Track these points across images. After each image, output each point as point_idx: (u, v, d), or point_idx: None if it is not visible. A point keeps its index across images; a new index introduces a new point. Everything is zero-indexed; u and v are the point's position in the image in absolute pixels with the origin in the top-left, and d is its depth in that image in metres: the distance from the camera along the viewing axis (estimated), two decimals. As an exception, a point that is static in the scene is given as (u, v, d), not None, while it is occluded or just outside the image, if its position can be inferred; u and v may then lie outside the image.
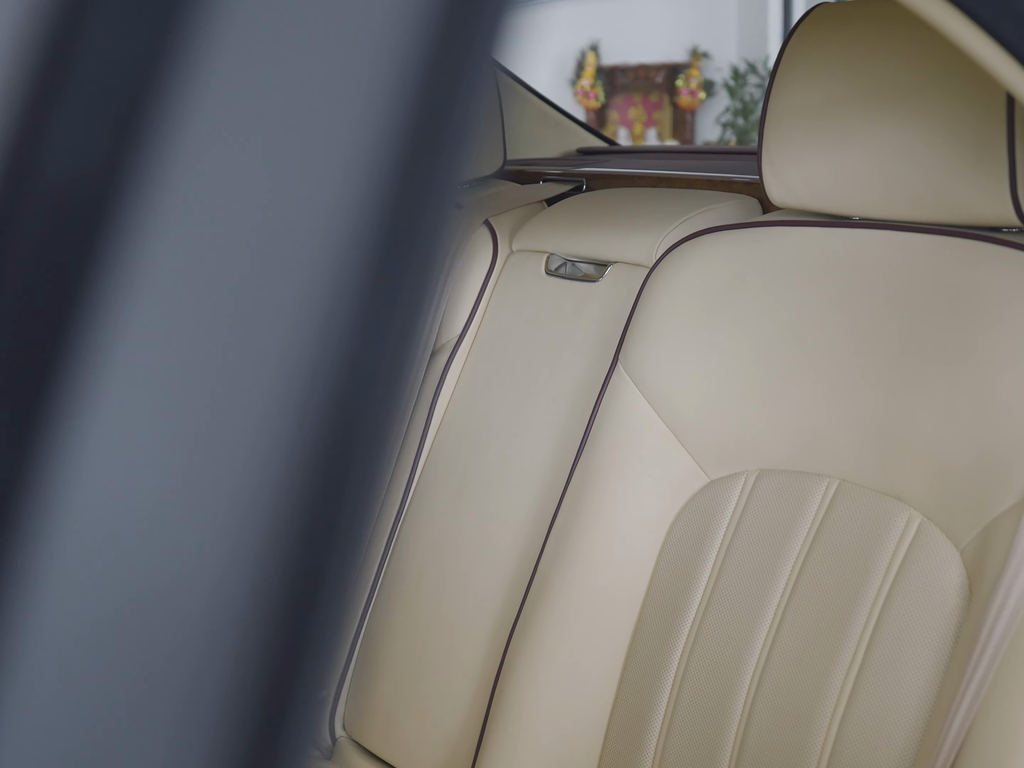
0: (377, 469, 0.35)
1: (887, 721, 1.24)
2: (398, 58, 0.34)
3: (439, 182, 0.36)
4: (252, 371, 0.32)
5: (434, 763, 1.60)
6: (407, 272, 0.35)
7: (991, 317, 1.25)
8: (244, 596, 0.32)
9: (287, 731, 0.34)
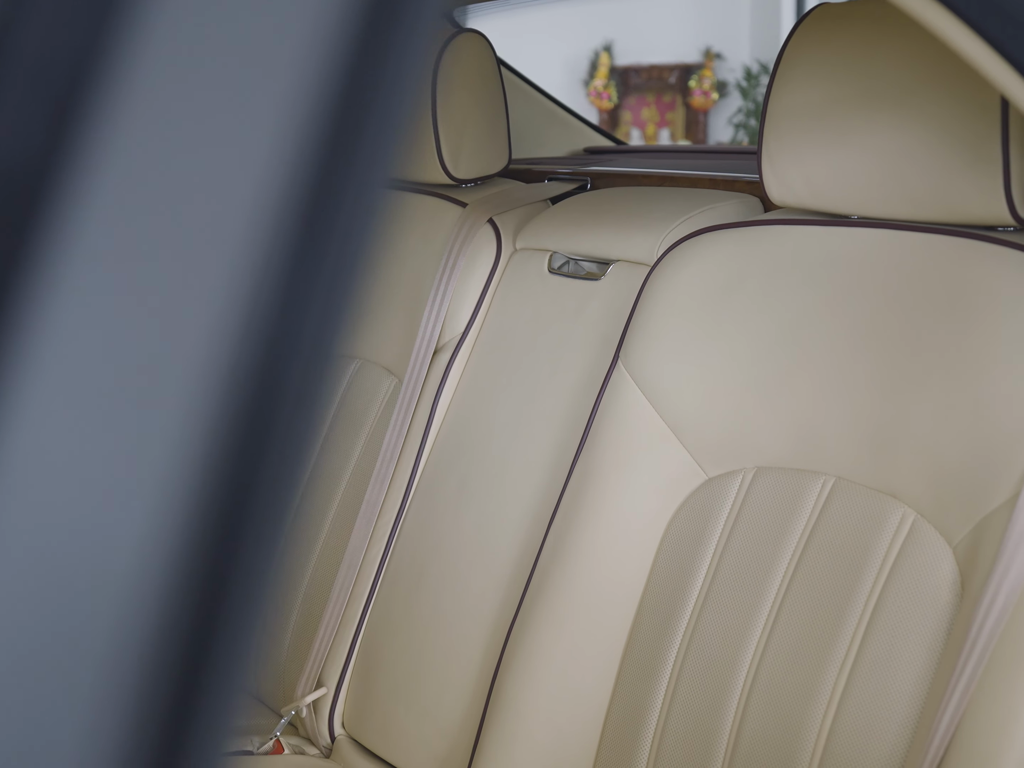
0: (296, 454, 0.36)
1: (879, 717, 1.25)
2: (323, 49, 0.35)
3: (365, 160, 0.37)
4: (173, 351, 0.33)
5: (432, 761, 1.60)
6: (329, 254, 0.36)
7: (986, 316, 1.26)
8: (155, 592, 0.33)
9: (199, 731, 0.34)
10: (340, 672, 1.72)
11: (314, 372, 0.36)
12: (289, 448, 0.36)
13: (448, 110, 1.87)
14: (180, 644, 0.34)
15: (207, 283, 0.34)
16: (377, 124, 0.36)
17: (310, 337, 0.36)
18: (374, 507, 1.76)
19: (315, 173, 0.36)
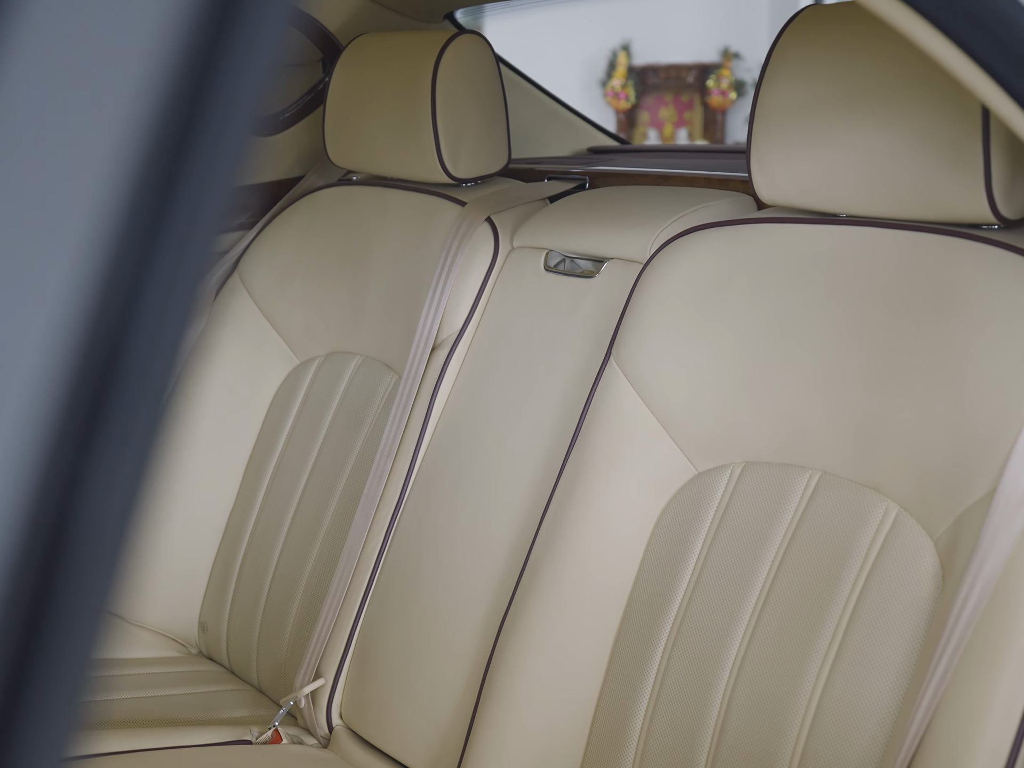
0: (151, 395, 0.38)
1: (861, 708, 1.26)
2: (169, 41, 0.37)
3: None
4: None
5: (426, 751, 1.63)
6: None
7: (968, 312, 1.28)
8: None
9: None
10: (338, 663, 1.75)
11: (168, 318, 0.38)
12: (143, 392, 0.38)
13: (447, 110, 1.89)
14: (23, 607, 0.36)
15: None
16: (225, 113, 0.38)
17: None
18: (372, 501, 1.79)
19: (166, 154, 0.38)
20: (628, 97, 9.92)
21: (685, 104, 9.83)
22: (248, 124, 0.39)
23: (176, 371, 0.39)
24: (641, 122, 9.95)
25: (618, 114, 9.85)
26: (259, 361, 2.13)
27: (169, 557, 2.10)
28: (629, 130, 9.75)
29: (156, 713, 1.83)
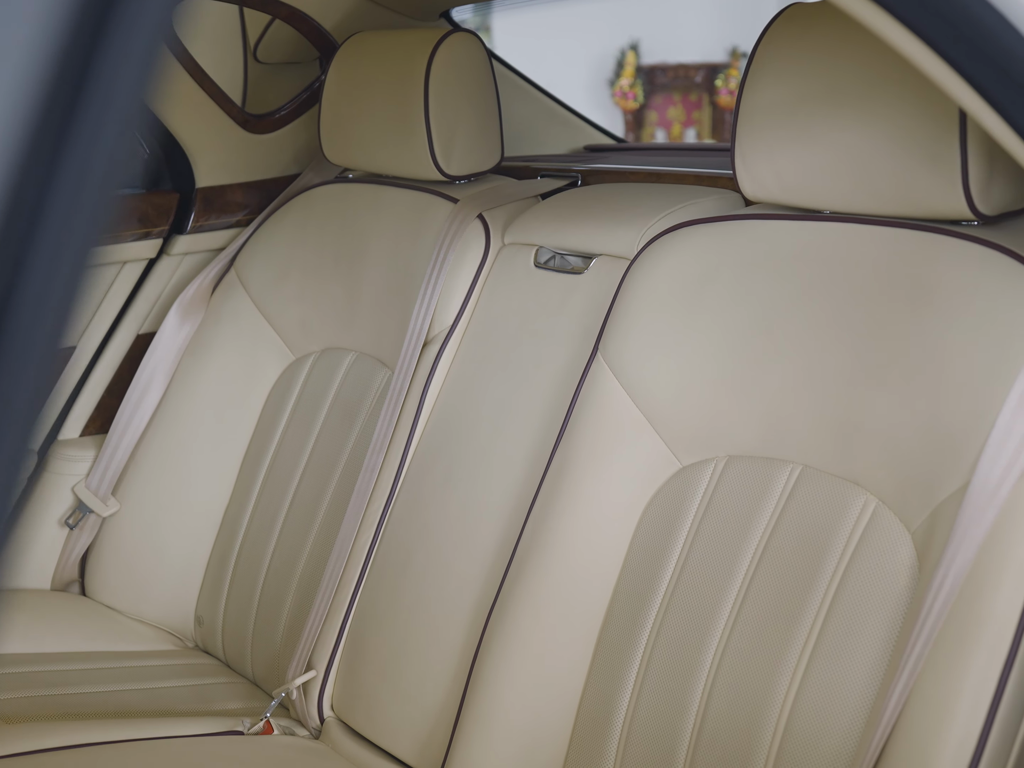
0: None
1: (838, 696, 1.28)
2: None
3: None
4: None
5: (414, 742, 1.64)
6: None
7: (945, 308, 1.29)
8: None
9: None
10: (329, 656, 1.76)
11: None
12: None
13: (440, 108, 1.91)
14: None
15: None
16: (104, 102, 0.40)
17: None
18: (364, 495, 1.80)
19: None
20: (636, 97, 9.92)
21: (694, 104, 9.83)
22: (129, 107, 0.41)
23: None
24: (649, 122, 9.95)
25: (625, 114, 9.85)
26: (255, 357, 2.14)
27: (166, 551, 2.12)
28: (637, 130, 9.75)
29: (150, 705, 1.84)
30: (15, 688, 1.82)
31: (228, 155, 2.24)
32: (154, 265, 2.26)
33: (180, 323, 2.19)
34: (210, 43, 2.17)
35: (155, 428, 2.15)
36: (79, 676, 1.91)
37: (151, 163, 2.27)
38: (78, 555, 2.17)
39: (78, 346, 2.21)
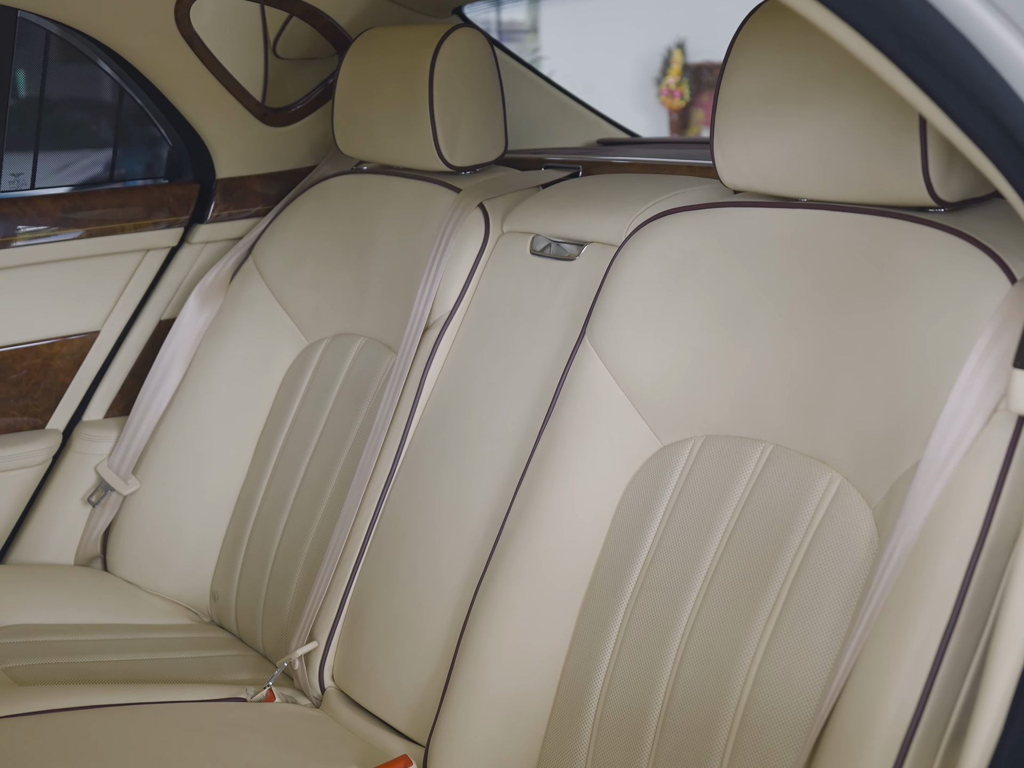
0: None
1: (799, 665, 1.33)
2: None
3: None
4: None
5: (406, 710, 1.71)
6: None
7: (905, 290, 1.33)
8: None
9: None
10: (330, 628, 1.83)
11: None
12: None
13: (444, 101, 1.97)
14: None
15: None
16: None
17: None
18: (365, 474, 1.87)
19: None
20: (683, 95, 9.93)
21: (740, 102, 9.79)
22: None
23: None
24: (695, 121, 9.96)
25: (671, 113, 9.86)
26: (271, 342, 2.22)
27: (184, 530, 2.20)
28: (682, 129, 9.77)
29: (162, 674, 1.92)
30: (33, 655, 1.91)
31: (247, 147, 2.32)
32: (176, 253, 2.34)
33: (199, 309, 2.26)
34: (231, 40, 2.25)
35: (174, 410, 2.23)
36: (96, 646, 1.99)
37: (173, 155, 2.35)
38: (100, 532, 2.25)
39: (102, 331, 2.30)
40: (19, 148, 2.21)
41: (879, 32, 1.02)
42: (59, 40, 2.18)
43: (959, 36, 1.01)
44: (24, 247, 2.16)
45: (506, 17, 13.75)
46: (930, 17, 1.02)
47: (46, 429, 2.29)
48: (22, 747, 1.54)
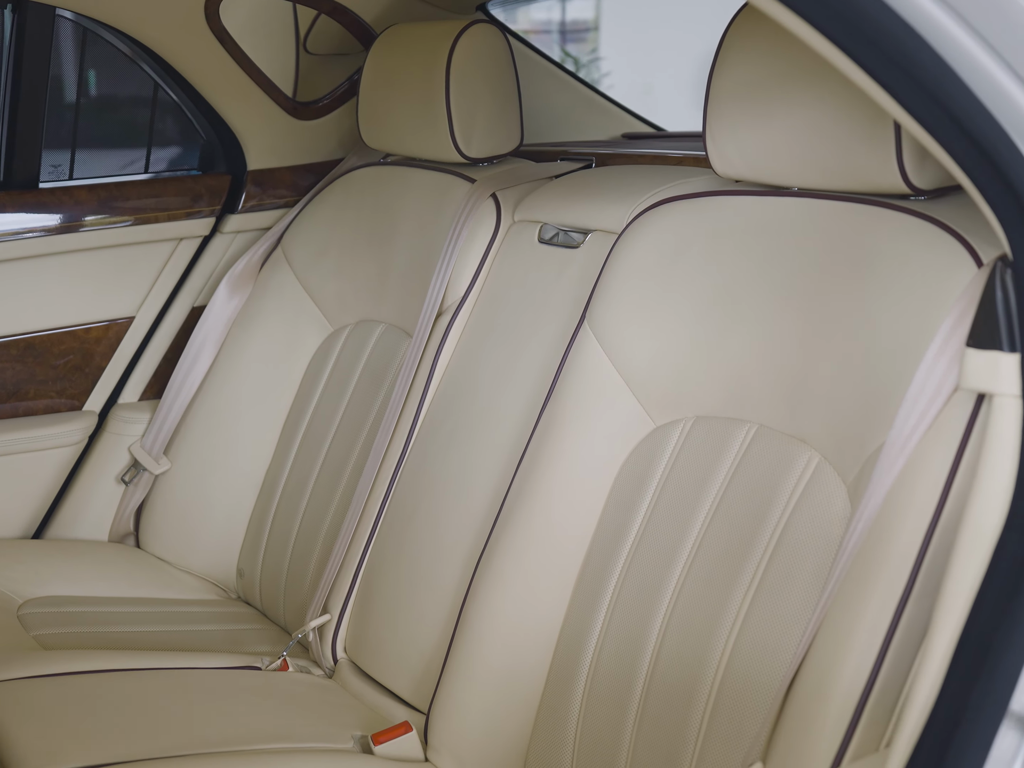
0: None
1: (773, 636, 1.38)
2: None
3: None
4: None
5: (410, 680, 1.77)
6: None
7: (880, 274, 1.38)
8: None
9: None
10: (343, 601, 1.90)
11: None
12: None
13: (460, 94, 2.03)
14: None
15: None
16: None
17: None
18: (379, 454, 1.94)
19: None
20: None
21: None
22: None
23: None
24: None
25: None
26: (297, 328, 2.30)
27: (212, 509, 2.28)
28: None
29: (184, 644, 2.00)
30: (62, 624, 1.99)
31: (277, 140, 2.40)
32: (208, 242, 2.42)
33: (229, 296, 2.35)
34: (264, 36, 2.33)
35: (204, 393, 2.32)
36: (123, 617, 2.07)
37: (206, 148, 2.44)
38: (133, 509, 2.34)
39: (137, 317, 2.39)
40: (58, 141, 2.30)
41: (836, 31, 1.06)
42: (96, 37, 2.27)
43: (912, 32, 1.05)
44: (62, 235, 2.25)
45: (570, 16, 13.76)
46: (883, 14, 1.06)
47: (83, 410, 2.38)
48: (46, 705, 1.63)
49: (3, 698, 1.62)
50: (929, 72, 1.05)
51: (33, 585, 2.10)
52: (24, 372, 2.29)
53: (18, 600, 2.05)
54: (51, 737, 1.53)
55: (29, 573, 2.13)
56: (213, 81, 2.28)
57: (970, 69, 1.05)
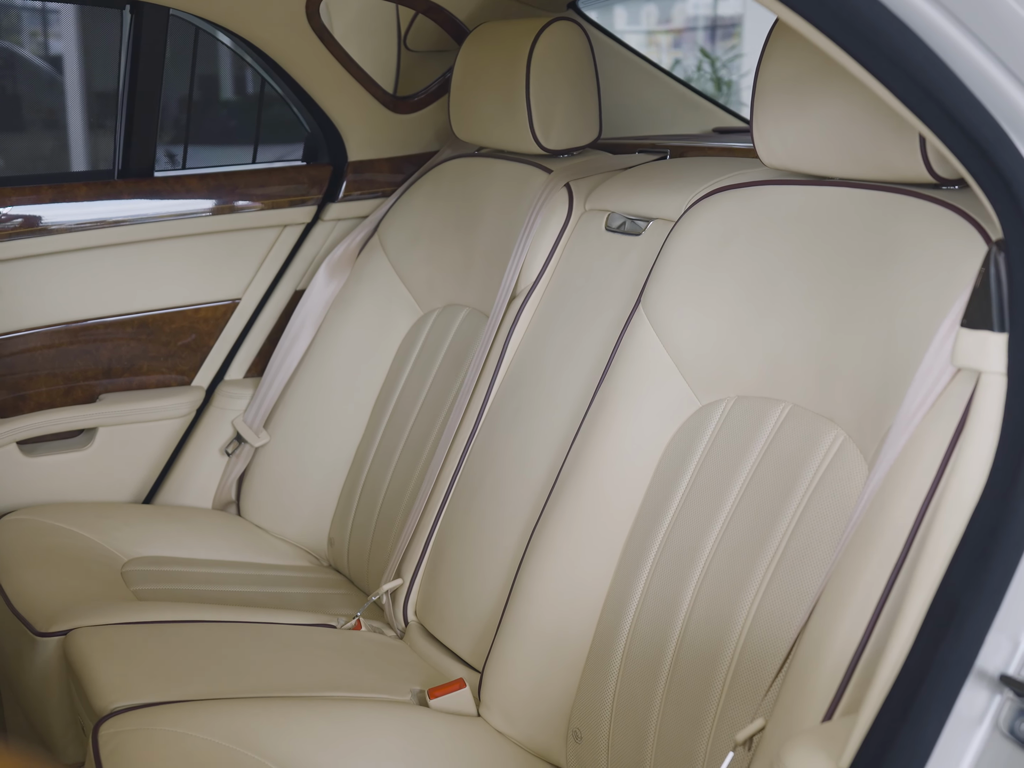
0: None
1: (789, 604, 1.44)
2: None
3: None
4: None
5: (469, 641, 1.88)
6: None
7: (903, 258, 1.43)
8: None
9: None
10: (415, 567, 2.02)
11: None
12: None
13: (540, 89, 2.13)
14: None
15: None
16: None
17: None
18: (452, 429, 2.05)
19: None
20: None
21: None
22: None
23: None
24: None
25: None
26: (390, 312, 2.42)
27: (307, 480, 2.42)
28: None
29: (268, 603, 2.14)
30: (160, 581, 2.15)
31: (375, 133, 2.53)
32: (311, 230, 2.56)
33: (328, 280, 2.48)
34: (369, 35, 2.46)
35: (302, 372, 2.46)
36: (216, 578, 2.22)
37: (311, 140, 2.58)
38: (234, 479, 2.50)
39: (243, 298, 2.54)
40: (172, 133, 2.47)
41: (827, 23, 1.13)
42: (208, 36, 2.43)
43: (901, 25, 1.11)
44: (174, 221, 2.41)
45: (721, 11, 13.69)
46: (878, 14, 1.12)
47: (192, 386, 2.54)
48: (130, 647, 1.77)
49: (93, 640, 1.77)
50: (920, 66, 1.11)
51: (138, 545, 2.26)
52: (138, 348, 2.46)
53: (123, 558, 2.21)
54: (130, 675, 1.68)
55: (136, 534, 2.29)
56: (315, 77, 2.41)
57: (962, 64, 1.11)
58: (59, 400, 2.43)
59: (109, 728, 1.52)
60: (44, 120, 7.84)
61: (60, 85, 7.63)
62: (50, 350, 2.40)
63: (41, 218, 2.30)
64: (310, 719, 1.60)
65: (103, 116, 7.03)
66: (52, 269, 2.35)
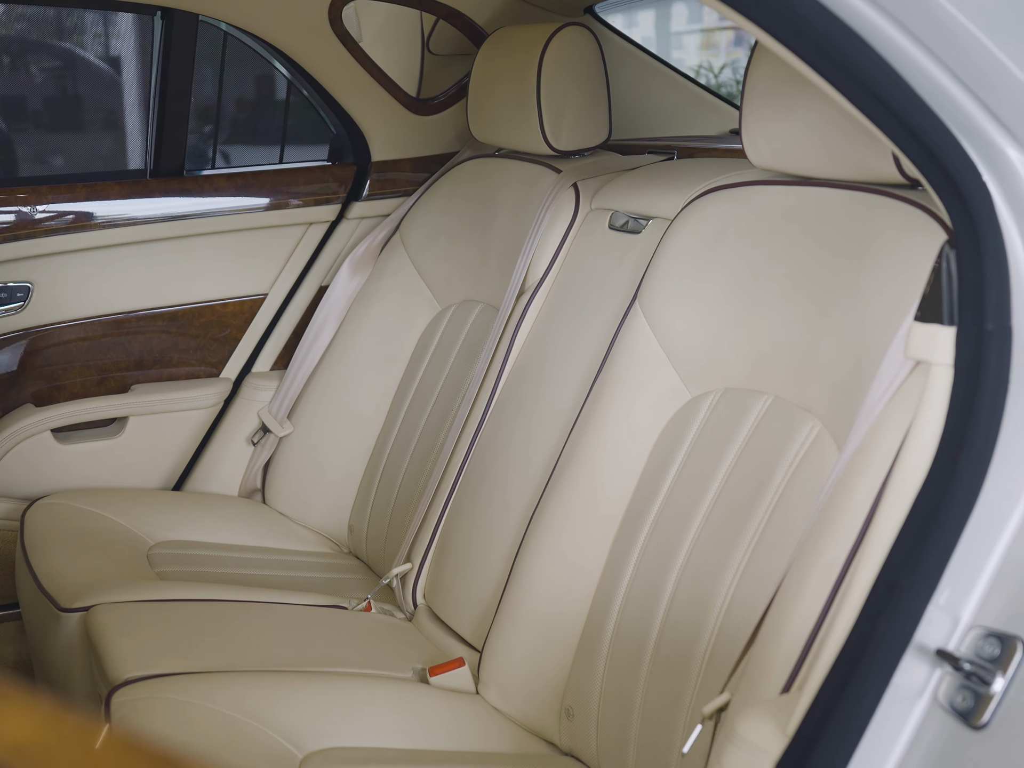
0: None
1: (765, 585, 1.50)
2: None
3: None
4: None
5: (472, 623, 1.96)
6: None
7: (874, 255, 1.49)
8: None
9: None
10: (424, 552, 2.10)
11: None
12: None
13: (550, 92, 2.20)
14: None
15: None
16: None
17: None
18: (461, 419, 2.13)
19: None
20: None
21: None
22: None
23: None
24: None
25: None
26: (409, 307, 2.50)
27: (328, 469, 2.51)
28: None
29: (285, 586, 2.23)
30: (184, 564, 2.24)
31: (398, 134, 2.61)
32: (335, 227, 2.65)
33: (350, 277, 2.57)
34: (394, 40, 2.54)
35: (325, 365, 2.55)
36: (237, 562, 2.31)
37: (335, 140, 2.67)
38: (259, 468, 2.59)
39: (270, 294, 2.64)
40: (200, 134, 2.56)
41: (768, 22, 1.19)
42: (237, 42, 2.52)
43: (846, 29, 1.17)
44: (203, 218, 2.51)
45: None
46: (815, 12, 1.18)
47: (220, 377, 2.64)
48: (148, 623, 1.87)
49: (113, 616, 1.86)
50: (869, 72, 1.17)
51: (165, 529, 2.36)
52: (168, 341, 2.56)
53: (150, 542, 2.31)
54: (146, 648, 1.77)
55: (163, 519, 2.39)
56: (338, 80, 2.50)
57: (911, 69, 1.17)
58: (92, 390, 2.53)
59: (120, 697, 1.62)
60: (104, 120, 8.02)
61: (119, 86, 7.79)
62: (84, 342, 2.50)
63: (76, 216, 2.40)
64: (311, 691, 1.68)
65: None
66: (87, 265, 2.46)
